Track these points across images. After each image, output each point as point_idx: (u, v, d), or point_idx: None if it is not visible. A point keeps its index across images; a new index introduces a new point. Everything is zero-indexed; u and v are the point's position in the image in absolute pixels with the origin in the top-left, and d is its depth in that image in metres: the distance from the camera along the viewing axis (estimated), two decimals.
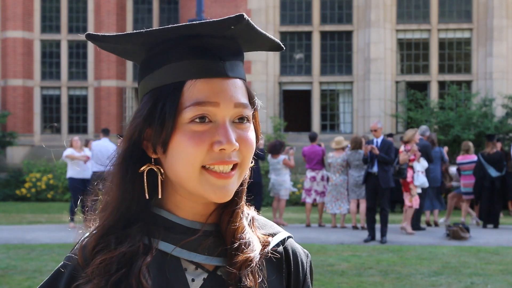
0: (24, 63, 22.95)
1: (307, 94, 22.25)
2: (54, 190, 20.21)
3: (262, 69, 21.37)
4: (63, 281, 1.21)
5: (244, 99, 1.17)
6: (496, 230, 13.13)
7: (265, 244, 1.23)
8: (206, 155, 1.13)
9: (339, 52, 21.93)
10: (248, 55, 22.53)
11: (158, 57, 1.18)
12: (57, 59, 23.56)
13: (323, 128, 21.95)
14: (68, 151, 13.35)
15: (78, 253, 1.20)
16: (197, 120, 1.13)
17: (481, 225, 13.62)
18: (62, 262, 1.24)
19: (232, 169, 1.16)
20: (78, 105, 23.58)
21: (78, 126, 23.44)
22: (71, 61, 23.51)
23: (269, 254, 1.23)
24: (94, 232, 1.20)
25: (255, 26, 1.16)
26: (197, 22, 1.14)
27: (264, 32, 1.20)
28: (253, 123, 1.21)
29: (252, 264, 1.18)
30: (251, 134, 1.18)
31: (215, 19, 1.13)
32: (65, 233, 11.10)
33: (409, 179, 11.70)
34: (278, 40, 1.24)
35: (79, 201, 1.35)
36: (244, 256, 1.18)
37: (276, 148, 13.65)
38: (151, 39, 1.18)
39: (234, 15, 1.12)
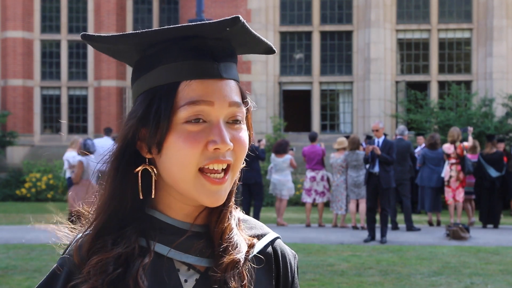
0: (24, 63, 22.94)
1: (307, 94, 22.25)
2: (54, 190, 20.21)
3: (262, 69, 21.37)
4: (60, 282, 1.21)
5: (238, 99, 1.19)
6: (496, 230, 13.13)
7: (251, 246, 1.24)
8: (201, 155, 1.14)
9: (339, 52, 21.92)
10: (248, 55, 22.67)
11: (152, 58, 1.19)
12: (57, 59, 23.56)
13: (323, 128, 21.95)
14: (69, 159, 13.14)
15: (74, 253, 1.20)
16: (193, 120, 1.14)
17: (475, 225, 13.61)
18: (57, 263, 1.24)
19: (225, 173, 1.17)
20: (78, 105, 23.58)
21: (78, 126, 23.44)
22: (71, 61, 23.51)
23: (255, 256, 1.24)
24: (89, 231, 1.21)
25: (250, 28, 1.18)
26: (194, 23, 1.15)
27: (258, 35, 1.21)
28: (246, 124, 1.22)
29: (238, 266, 1.19)
30: (245, 135, 1.19)
31: (211, 21, 1.15)
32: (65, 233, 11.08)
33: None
34: (270, 43, 1.25)
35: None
36: (230, 258, 1.19)
37: (282, 147, 13.65)
38: (146, 40, 1.18)
39: (230, 17, 1.13)
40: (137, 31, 1.17)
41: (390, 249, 10.27)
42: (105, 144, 12.92)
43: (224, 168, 1.16)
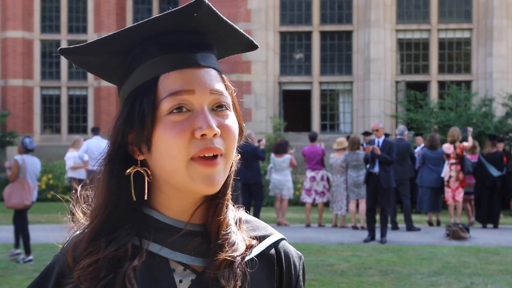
0: (24, 63, 22.96)
1: (307, 94, 22.25)
2: (54, 190, 20.19)
3: (262, 69, 21.37)
4: (51, 281, 1.21)
5: (220, 87, 1.18)
6: (496, 230, 13.13)
7: (249, 247, 1.21)
8: (190, 144, 1.13)
9: (339, 52, 21.92)
10: (248, 55, 22.46)
11: (132, 63, 1.20)
12: (57, 59, 23.56)
13: (323, 128, 21.95)
14: (70, 159, 13.27)
15: (68, 252, 1.20)
16: (175, 111, 1.14)
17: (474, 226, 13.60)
18: (50, 261, 1.24)
19: (217, 157, 1.15)
20: (78, 105, 23.59)
21: (78, 126, 23.46)
22: None
23: (256, 257, 1.22)
24: (85, 232, 1.20)
25: (219, 14, 1.18)
26: (161, 14, 1.15)
27: (232, 24, 1.21)
28: (234, 112, 1.21)
29: (233, 266, 1.17)
30: (232, 122, 1.18)
31: (177, 8, 1.15)
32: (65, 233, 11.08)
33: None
34: (250, 37, 1.25)
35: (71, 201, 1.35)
36: (224, 256, 1.17)
37: (282, 147, 13.65)
38: (122, 40, 1.18)
39: (193, 0, 1.14)
40: (111, 33, 1.17)
41: (390, 249, 10.27)
42: (97, 144, 12.91)
43: (215, 155, 1.15)
